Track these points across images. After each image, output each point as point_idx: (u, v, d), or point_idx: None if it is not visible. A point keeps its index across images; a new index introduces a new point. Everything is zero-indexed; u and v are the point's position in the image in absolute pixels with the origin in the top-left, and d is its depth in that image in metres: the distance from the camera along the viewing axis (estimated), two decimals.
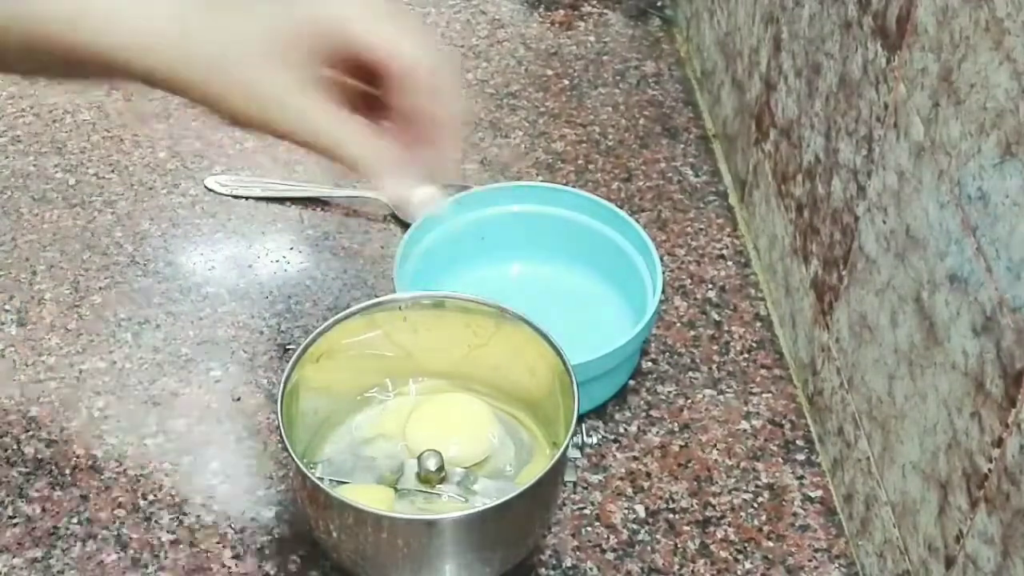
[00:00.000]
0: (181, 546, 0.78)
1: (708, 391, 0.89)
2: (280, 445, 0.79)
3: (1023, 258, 0.55)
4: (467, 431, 0.76)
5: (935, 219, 0.65)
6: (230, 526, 0.79)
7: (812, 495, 0.82)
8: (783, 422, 0.87)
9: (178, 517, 0.80)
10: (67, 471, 0.82)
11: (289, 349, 0.91)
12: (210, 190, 1.06)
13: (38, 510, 0.80)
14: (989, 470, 0.59)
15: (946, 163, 0.63)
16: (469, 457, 0.75)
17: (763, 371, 0.91)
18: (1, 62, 0.60)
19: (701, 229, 1.04)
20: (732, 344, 0.93)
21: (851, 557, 0.79)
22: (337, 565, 0.76)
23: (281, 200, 1.05)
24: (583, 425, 0.76)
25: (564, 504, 0.81)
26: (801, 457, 0.85)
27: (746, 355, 0.92)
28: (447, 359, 0.80)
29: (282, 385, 0.72)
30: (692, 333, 0.94)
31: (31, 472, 0.82)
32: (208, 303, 0.95)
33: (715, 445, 0.85)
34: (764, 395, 0.89)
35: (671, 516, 0.81)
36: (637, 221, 0.92)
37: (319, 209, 1.04)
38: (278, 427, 0.69)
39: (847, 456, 0.80)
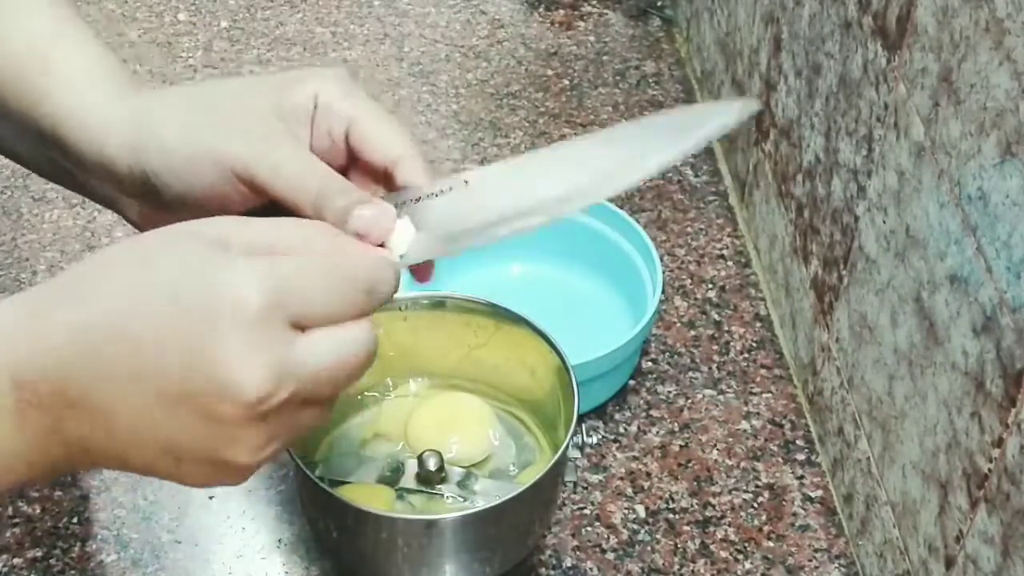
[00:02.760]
0: (181, 546, 0.78)
1: (708, 391, 0.89)
2: None
3: (1023, 258, 0.55)
4: (467, 431, 0.76)
5: (935, 219, 0.65)
6: (230, 526, 0.79)
7: (812, 495, 0.82)
8: (783, 422, 0.87)
9: (178, 517, 0.80)
10: None
11: None
12: None
13: (38, 510, 0.80)
14: (989, 470, 0.59)
15: (946, 163, 0.63)
16: (469, 457, 0.75)
17: (763, 371, 0.91)
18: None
19: (701, 229, 1.04)
20: (732, 344, 0.93)
21: (851, 557, 0.79)
22: (337, 565, 0.76)
23: None
24: (583, 425, 0.76)
25: (564, 504, 0.81)
26: (801, 457, 0.85)
27: (746, 355, 0.92)
28: (447, 359, 0.80)
29: None
30: (692, 333, 0.94)
31: None
32: None
33: (715, 445, 0.85)
34: (764, 395, 0.89)
35: (671, 516, 0.81)
36: (637, 221, 0.92)
37: None
38: None
39: (847, 456, 0.80)
